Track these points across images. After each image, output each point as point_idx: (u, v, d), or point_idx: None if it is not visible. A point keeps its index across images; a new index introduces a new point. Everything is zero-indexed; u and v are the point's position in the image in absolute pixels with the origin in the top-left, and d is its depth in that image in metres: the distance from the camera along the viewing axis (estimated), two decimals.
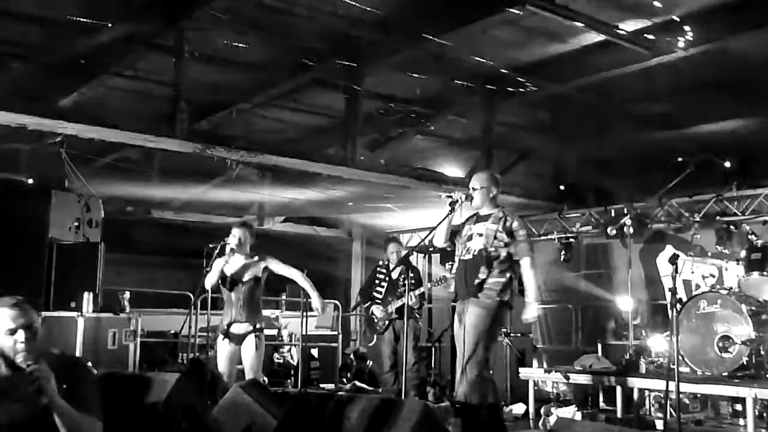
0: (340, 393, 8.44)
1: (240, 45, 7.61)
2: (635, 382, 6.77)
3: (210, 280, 6.16)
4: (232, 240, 6.13)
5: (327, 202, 12.39)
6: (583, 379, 7.45)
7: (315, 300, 6.18)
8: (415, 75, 8.38)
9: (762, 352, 6.36)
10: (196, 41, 7.47)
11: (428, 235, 5.87)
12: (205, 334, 9.32)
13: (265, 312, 11.05)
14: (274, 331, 10.85)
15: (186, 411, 4.97)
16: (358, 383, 10.00)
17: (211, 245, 8.20)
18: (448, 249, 5.85)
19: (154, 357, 9.27)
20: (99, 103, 8.78)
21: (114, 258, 9.61)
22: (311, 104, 9.41)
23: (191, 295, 9.70)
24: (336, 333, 11.14)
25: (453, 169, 10.89)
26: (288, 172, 9.67)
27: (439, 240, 5.77)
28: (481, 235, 5.53)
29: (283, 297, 11.74)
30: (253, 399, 4.66)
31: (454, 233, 5.77)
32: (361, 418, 3.78)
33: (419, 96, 9.14)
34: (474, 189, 5.66)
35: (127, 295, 8.34)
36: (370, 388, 9.74)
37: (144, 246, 13.93)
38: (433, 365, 9.85)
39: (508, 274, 5.45)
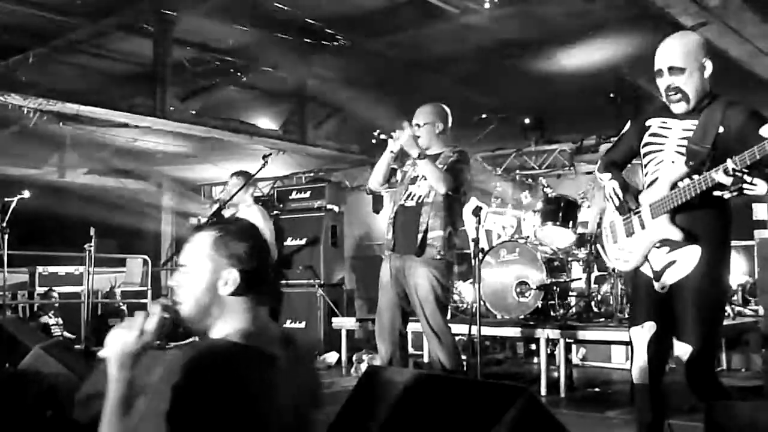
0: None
1: None
2: None
3: None
4: None
5: (134, 153, 11.91)
6: None
7: None
8: (227, 23, 8.15)
9: (554, 296, 6.90)
10: None
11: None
12: (0, 293, 8.72)
13: (68, 268, 10.56)
14: (78, 288, 10.33)
15: None
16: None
17: (6, 198, 7.67)
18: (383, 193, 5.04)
19: None
20: None
21: None
22: (117, 51, 8.89)
23: None
24: (145, 289, 10.81)
25: (266, 122, 10.79)
26: (92, 121, 9.20)
27: (375, 181, 5.13)
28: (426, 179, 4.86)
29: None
30: (57, 360, 4.45)
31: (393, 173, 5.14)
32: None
33: (233, 46, 8.90)
34: (418, 126, 5.01)
35: None
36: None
37: None
38: None
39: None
